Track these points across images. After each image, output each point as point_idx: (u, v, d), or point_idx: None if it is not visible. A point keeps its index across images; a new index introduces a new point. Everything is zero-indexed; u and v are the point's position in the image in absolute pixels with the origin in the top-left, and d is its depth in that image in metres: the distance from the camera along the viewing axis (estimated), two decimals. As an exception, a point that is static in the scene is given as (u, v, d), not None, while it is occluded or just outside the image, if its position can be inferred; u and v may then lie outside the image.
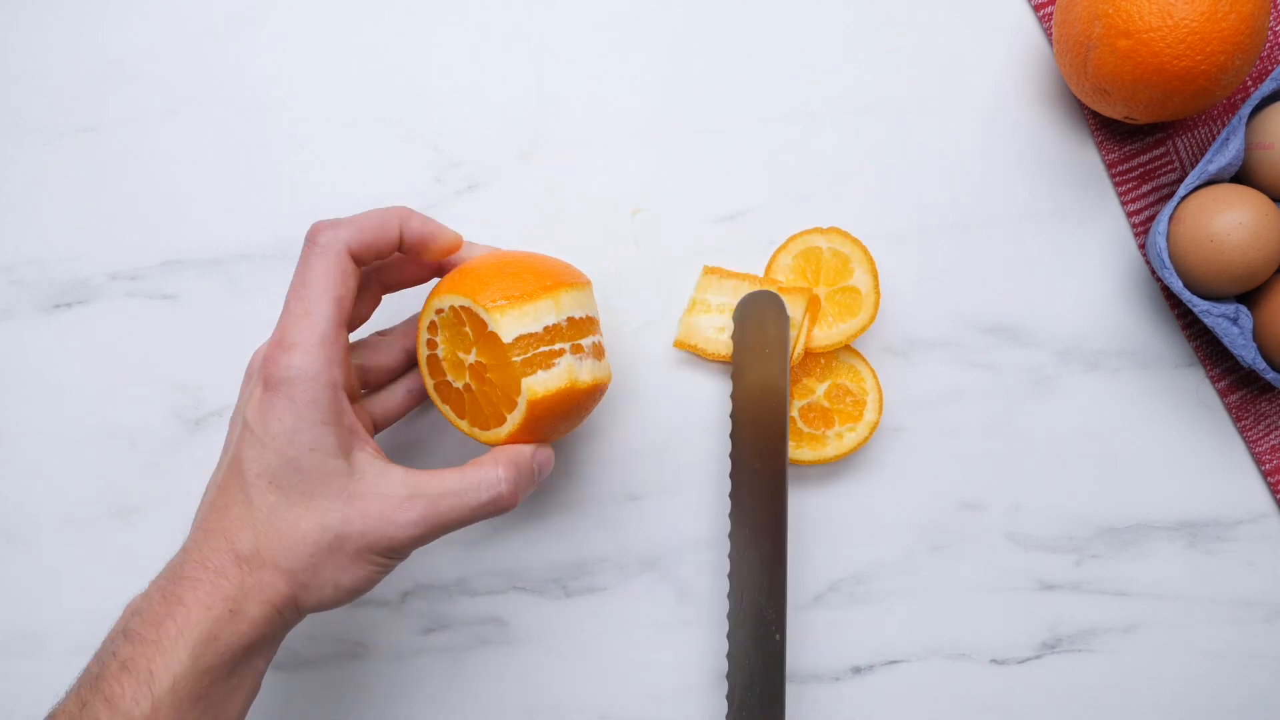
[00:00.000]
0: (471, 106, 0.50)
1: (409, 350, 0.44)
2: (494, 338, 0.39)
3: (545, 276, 0.41)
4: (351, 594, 0.38)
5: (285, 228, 0.50)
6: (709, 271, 0.48)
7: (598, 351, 0.42)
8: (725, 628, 0.48)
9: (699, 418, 0.49)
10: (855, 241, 0.47)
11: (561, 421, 0.41)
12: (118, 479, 0.49)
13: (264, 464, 0.36)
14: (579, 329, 0.41)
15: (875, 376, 0.48)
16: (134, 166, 0.50)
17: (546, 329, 0.39)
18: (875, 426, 0.47)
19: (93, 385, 0.49)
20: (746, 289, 0.48)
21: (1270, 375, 0.45)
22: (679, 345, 0.48)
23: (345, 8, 0.50)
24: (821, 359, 0.48)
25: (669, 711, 0.49)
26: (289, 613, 0.37)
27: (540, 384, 0.39)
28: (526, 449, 0.40)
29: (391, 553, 0.38)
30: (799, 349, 0.46)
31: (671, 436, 0.49)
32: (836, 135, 0.50)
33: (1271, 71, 0.48)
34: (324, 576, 0.37)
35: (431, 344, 0.41)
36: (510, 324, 0.38)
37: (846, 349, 0.48)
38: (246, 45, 0.50)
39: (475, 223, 0.49)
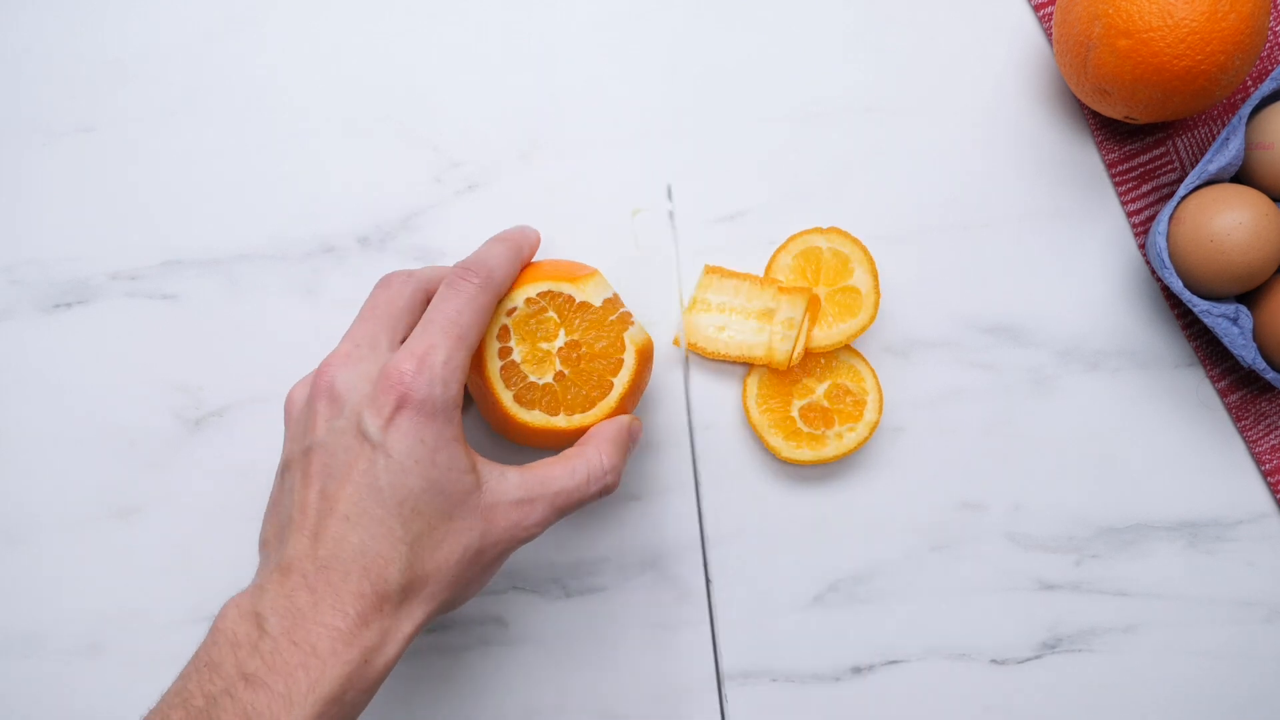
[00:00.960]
0: (471, 106, 0.50)
1: None
2: (584, 308, 0.42)
3: (572, 265, 0.44)
4: (475, 594, 0.39)
5: (285, 228, 0.50)
6: (710, 271, 0.48)
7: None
8: (724, 627, 0.49)
9: (699, 418, 0.49)
10: (855, 241, 0.47)
11: (648, 377, 0.44)
12: (118, 479, 0.49)
13: (407, 490, 0.35)
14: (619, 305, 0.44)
15: (875, 376, 0.48)
16: (134, 166, 0.50)
17: (615, 295, 0.43)
18: (875, 426, 0.47)
19: (93, 385, 0.49)
20: (747, 289, 0.48)
21: (1270, 375, 0.45)
22: (678, 344, 0.49)
23: (345, 8, 0.50)
24: (821, 359, 0.48)
25: (669, 711, 0.49)
26: (418, 635, 0.37)
27: (639, 334, 0.43)
28: (621, 424, 0.42)
29: (516, 549, 0.39)
30: (799, 349, 0.46)
31: (671, 436, 0.49)
32: (836, 135, 0.50)
33: (1271, 71, 0.48)
34: (464, 590, 0.37)
35: (505, 351, 0.41)
36: (595, 290, 0.42)
37: (846, 349, 0.48)
38: (246, 45, 0.50)
39: (475, 223, 0.49)
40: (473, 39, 0.50)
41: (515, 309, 0.41)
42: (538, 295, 0.41)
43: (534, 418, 0.42)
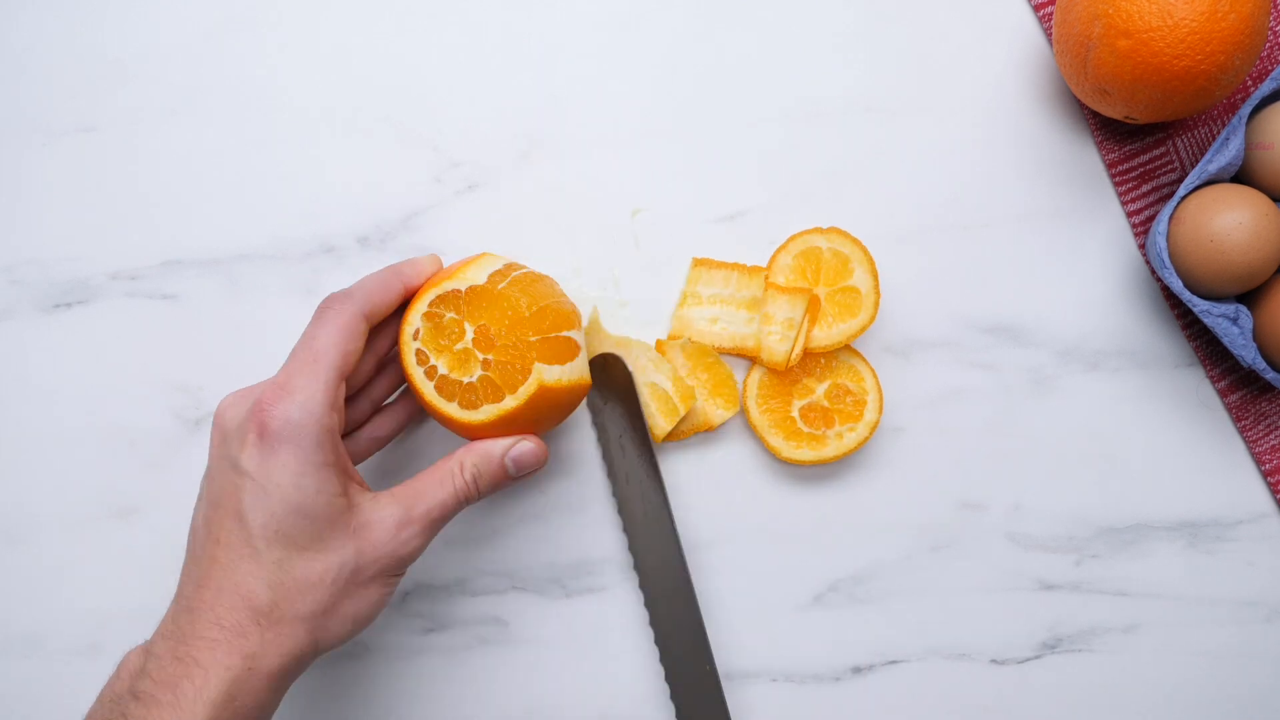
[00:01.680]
0: (471, 106, 0.50)
1: (375, 438, 0.46)
2: (475, 293, 0.41)
3: (460, 262, 0.44)
4: (367, 622, 0.39)
5: (285, 228, 0.50)
6: (698, 264, 0.48)
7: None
8: (724, 627, 0.49)
9: (699, 418, 0.49)
10: (855, 241, 0.47)
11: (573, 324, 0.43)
12: (118, 479, 0.49)
13: (269, 514, 0.36)
14: (521, 267, 0.44)
15: (875, 376, 0.48)
16: (134, 166, 0.50)
17: (506, 264, 0.43)
18: (875, 426, 0.47)
19: (93, 385, 0.49)
20: (737, 279, 0.48)
21: (1270, 375, 0.45)
22: (672, 339, 0.49)
23: (345, 8, 0.50)
24: (821, 359, 0.48)
25: (669, 711, 0.49)
26: (306, 659, 0.37)
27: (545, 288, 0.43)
28: (498, 447, 0.41)
29: (401, 569, 0.39)
30: (797, 349, 0.46)
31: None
32: (836, 135, 0.50)
33: (1271, 71, 0.48)
34: (343, 613, 0.38)
35: (431, 371, 0.41)
36: (479, 270, 0.42)
37: (846, 349, 0.48)
38: (246, 45, 0.50)
39: (475, 223, 0.49)
40: (473, 39, 0.50)
41: (418, 330, 0.41)
42: (429, 306, 0.41)
43: (486, 413, 0.41)
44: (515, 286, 0.42)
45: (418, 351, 0.41)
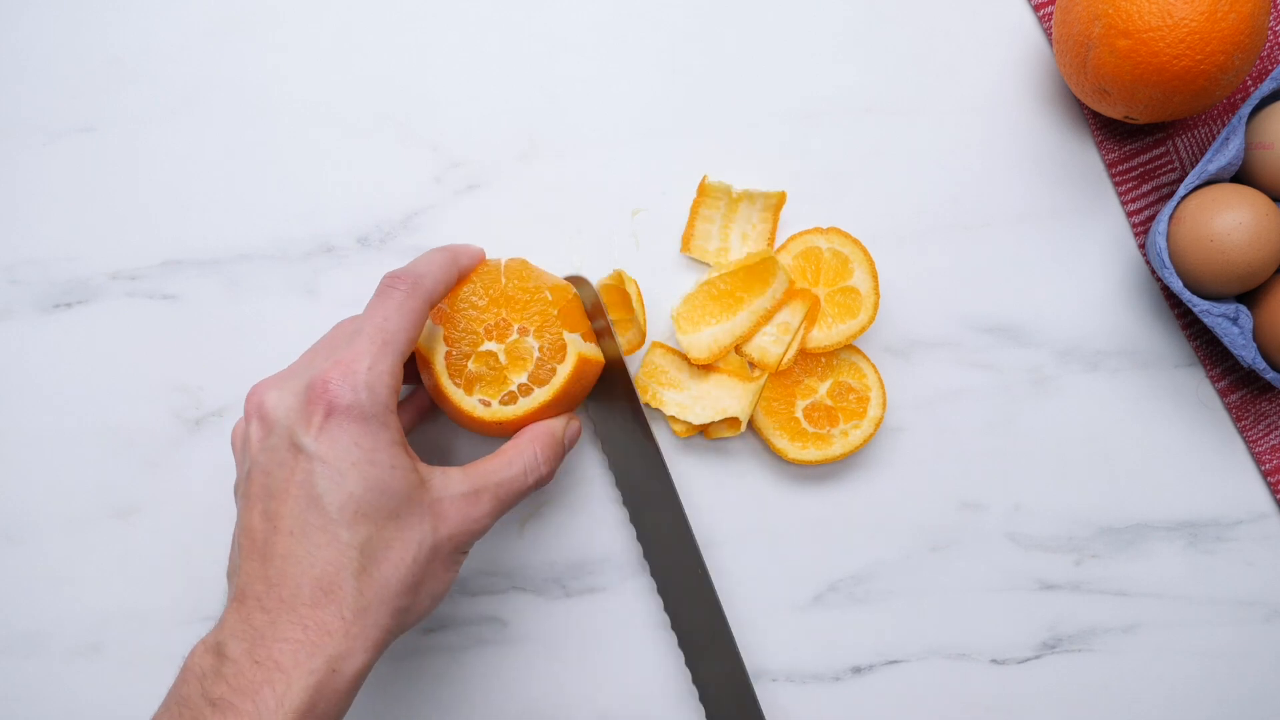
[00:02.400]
0: (471, 106, 0.50)
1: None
2: (501, 290, 0.43)
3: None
4: (440, 600, 0.38)
5: (285, 228, 0.50)
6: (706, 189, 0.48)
7: None
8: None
9: (699, 418, 0.49)
10: (855, 241, 0.47)
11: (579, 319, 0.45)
12: (118, 479, 0.49)
13: (347, 494, 0.35)
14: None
15: (877, 372, 0.48)
16: (134, 166, 0.50)
17: (514, 263, 0.45)
18: (880, 422, 0.47)
19: (93, 385, 0.49)
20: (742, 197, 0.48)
21: (1270, 375, 0.45)
22: (685, 252, 0.49)
23: (345, 8, 0.50)
24: (822, 359, 0.48)
25: (669, 711, 0.49)
26: (387, 645, 0.36)
27: (555, 291, 0.44)
28: (557, 424, 0.42)
29: (469, 545, 0.39)
30: (790, 353, 0.46)
31: (672, 435, 0.49)
32: (836, 135, 0.50)
33: (1271, 71, 0.48)
34: (424, 592, 0.37)
35: (454, 370, 0.42)
36: (486, 276, 0.43)
37: (847, 346, 0.48)
38: (246, 45, 0.50)
39: (475, 223, 0.49)
40: (473, 39, 0.50)
41: (445, 351, 0.42)
42: (444, 330, 0.42)
43: (536, 398, 0.42)
44: (511, 277, 0.43)
45: (448, 367, 0.42)
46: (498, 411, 0.42)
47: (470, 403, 0.42)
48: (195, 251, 0.50)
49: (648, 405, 0.48)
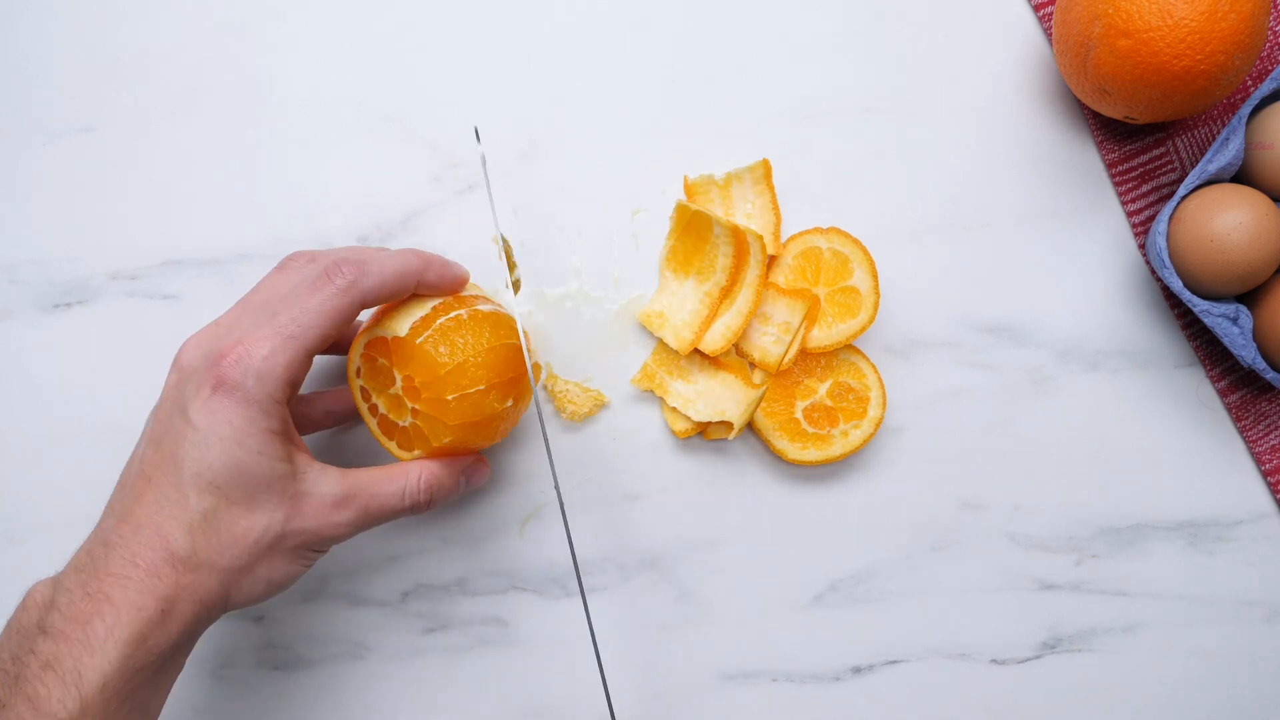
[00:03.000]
0: (471, 106, 0.50)
1: (330, 412, 0.46)
2: (397, 344, 0.40)
3: (395, 303, 0.43)
4: (279, 589, 0.39)
5: (285, 228, 0.50)
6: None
7: (488, 302, 0.43)
8: (724, 627, 0.49)
9: (699, 418, 0.49)
10: (855, 241, 0.47)
11: (498, 366, 0.41)
12: (117, 479, 0.49)
13: (205, 464, 0.36)
14: (463, 301, 0.42)
15: (877, 372, 0.48)
16: (134, 166, 0.50)
17: (434, 308, 0.41)
18: (880, 422, 0.47)
19: (93, 385, 0.49)
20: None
21: (1270, 375, 0.45)
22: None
23: (345, 8, 0.50)
24: (822, 359, 0.48)
25: (669, 711, 0.49)
26: (217, 610, 0.37)
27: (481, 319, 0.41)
28: (458, 463, 0.42)
29: (322, 548, 0.40)
30: (791, 353, 0.46)
31: (670, 438, 0.49)
32: (836, 135, 0.50)
33: (1271, 71, 0.48)
34: (258, 574, 0.38)
35: (373, 409, 0.42)
36: (399, 322, 0.41)
37: (846, 346, 0.48)
38: (246, 45, 0.50)
39: (475, 222, 0.49)
40: (473, 39, 0.50)
41: (359, 369, 0.42)
42: (363, 349, 0.42)
43: (418, 454, 0.42)
44: (437, 337, 0.40)
45: (361, 388, 0.42)
46: (398, 450, 0.42)
47: (376, 430, 0.42)
48: (195, 251, 0.50)
49: (650, 393, 0.48)
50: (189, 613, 0.36)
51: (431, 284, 0.42)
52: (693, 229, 0.47)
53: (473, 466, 0.43)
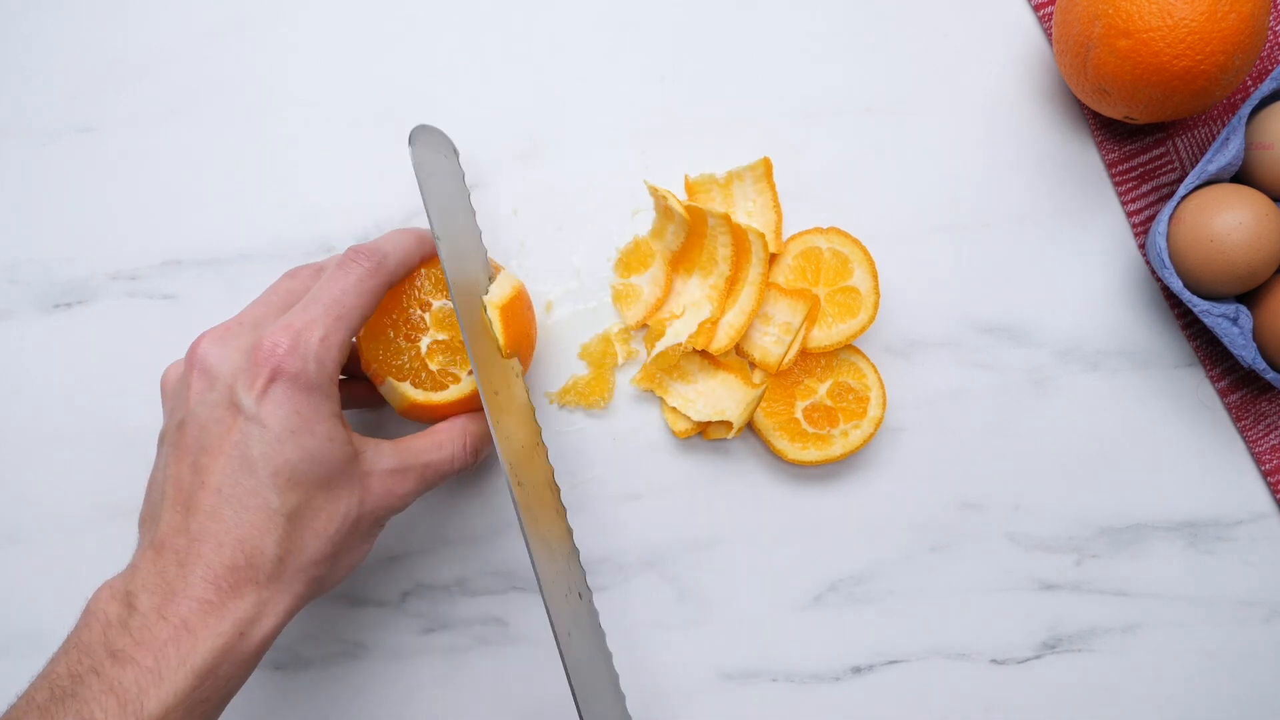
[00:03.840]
0: (472, 106, 0.50)
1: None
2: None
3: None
4: (353, 570, 0.39)
5: (285, 228, 0.50)
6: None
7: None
8: (724, 627, 0.49)
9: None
10: (855, 241, 0.47)
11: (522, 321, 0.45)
12: (118, 479, 0.49)
13: (282, 460, 0.35)
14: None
15: (877, 372, 0.48)
16: (134, 166, 0.50)
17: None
18: (880, 422, 0.47)
19: (93, 385, 0.49)
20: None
21: (1270, 375, 0.45)
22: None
23: (345, 8, 0.50)
24: (822, 359, 0.48)
25: (669, 711, 0.49)
26: (295, 612, 0.37)
27: (497, 290, 0.44)
28: (480, 417, 0.43)
29: (386, 520, 0.40)
30: (791, 353, 0.46)
31: (670, 438, 0.49)
32: (836, 135, 0.50)
33: (1271, 71, 0.48)
34: (341, 561, 0.38)
35: (431, 347, 0.43)
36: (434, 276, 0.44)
37: (846, 346, 0.48)
38: (247, 45, 0.50)
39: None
40: (473, 39, 0.50)
41: (439, 305, 0.43)
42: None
43: (442, 395, 0.43)
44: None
45: (424, 318, 0.43)
46: (430, 397, 0.43)
47: (404, 387, 0.43)
48: (195, 251, 0.50)
49: (650, 393, 0.48)
50: (269, 628, 0.35)
51: (429, 253, 0.43)
52: (691, 227, 0.47)
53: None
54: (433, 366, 0.43)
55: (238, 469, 0.35)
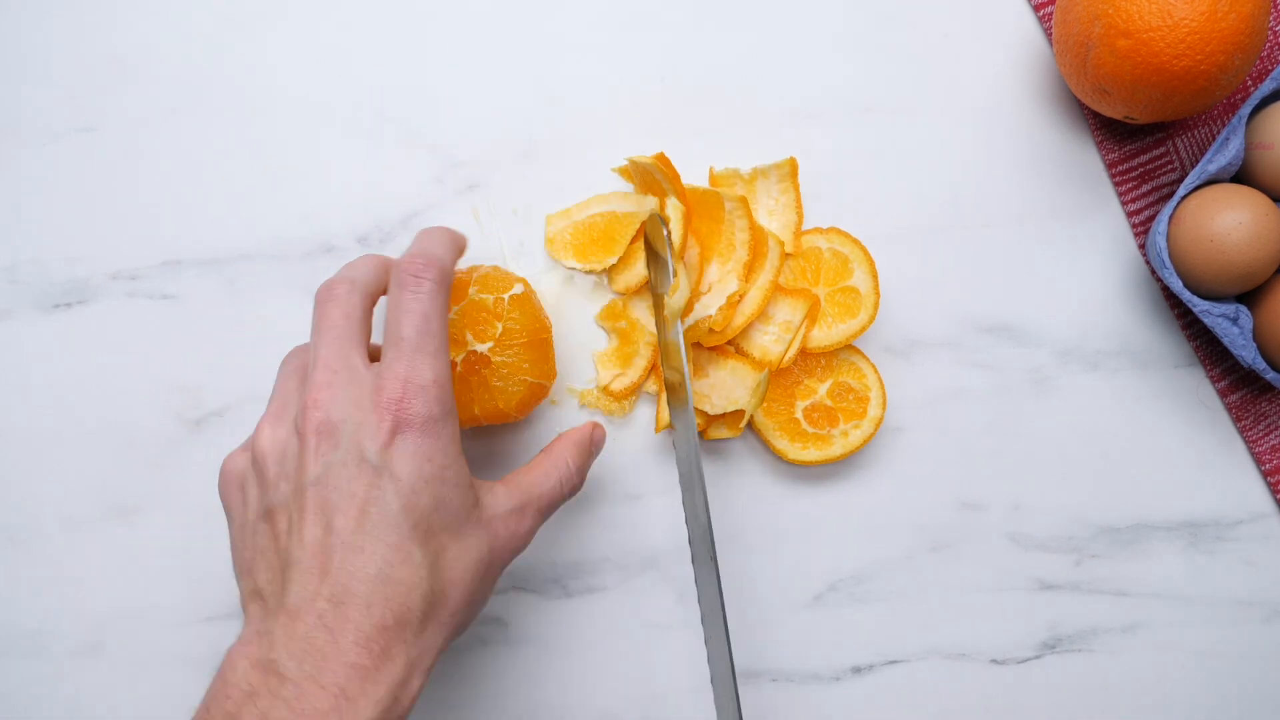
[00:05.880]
0: (471, 106, 0.50)
1: None
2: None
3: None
4: (480, 611, 0.38)
5: (285, 228, 0.50)
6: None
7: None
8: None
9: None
10: (855, 241, 0.47)
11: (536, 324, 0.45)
12: (118, 479, 0.49)
13: (420, 513, 0.34)
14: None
15: (877, 372, 0.48)
16: (134, 166, 0.50)
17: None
18: (880, 422, 0.47)
19: (93, 385, 0.49)
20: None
21: (1270, 375, 0.45)
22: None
23: (345, 8, 0.50)
24: (822, 359, 0.48)
25: (669, 711, 0.49)
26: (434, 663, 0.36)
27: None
28: (585, 431, 0.43)
29: (511, 559, 0.39)
30: (791, 352, 0.46)
31: (670, 438, 0.49)
32: (836, 135, 0.50)
33: (1271, 71, 0.48)
34: (473, 606, 0.37)
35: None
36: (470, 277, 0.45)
37: (846, 346, 0.48)
38: (247, 45, 0.50)
39: (475, 223, 0.49)
40: (473, 39, 0.50)
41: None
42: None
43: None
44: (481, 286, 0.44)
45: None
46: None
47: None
48: (195, 251, 0.50)
49: (650, 393, 0.48)
50: (417, 689, 0.34)
51: (463, 248, 0.42)
52: (706, 212, 0.47)
53: (596, 431, 0.44)
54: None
55: (377, 524, 0.34)
